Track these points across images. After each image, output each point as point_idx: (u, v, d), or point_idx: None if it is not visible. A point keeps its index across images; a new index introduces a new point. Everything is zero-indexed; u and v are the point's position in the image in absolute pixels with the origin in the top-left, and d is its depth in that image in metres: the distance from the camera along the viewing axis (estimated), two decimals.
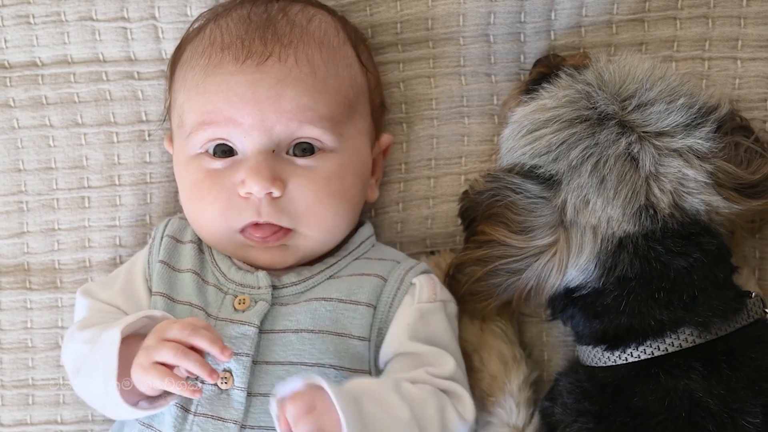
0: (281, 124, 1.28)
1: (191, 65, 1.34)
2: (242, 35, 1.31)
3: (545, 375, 1.44)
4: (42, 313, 1.48)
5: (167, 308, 1.30)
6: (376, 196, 1.43)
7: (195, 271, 1.33)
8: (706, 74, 1.45)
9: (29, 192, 1.49)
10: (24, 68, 1.48)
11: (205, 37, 1.34)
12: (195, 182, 1.32)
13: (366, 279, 1.32)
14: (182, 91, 1.34)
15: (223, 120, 1.28)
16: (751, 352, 1.24)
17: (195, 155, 1.32)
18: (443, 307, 1.33)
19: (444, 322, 1.32)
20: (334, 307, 1.29)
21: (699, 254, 1.24)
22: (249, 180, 1.27)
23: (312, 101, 1.29)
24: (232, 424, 1.22)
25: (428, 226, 1.47)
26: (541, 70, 1.38)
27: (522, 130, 1.29)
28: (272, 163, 1.28)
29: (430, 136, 1.47)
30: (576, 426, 1.27)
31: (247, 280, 1.31)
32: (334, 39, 1.35)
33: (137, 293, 1.35)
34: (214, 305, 1.30)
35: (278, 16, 1.34)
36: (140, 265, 1.37)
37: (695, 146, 1.24)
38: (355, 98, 1.34)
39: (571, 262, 1.26)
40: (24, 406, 1.47)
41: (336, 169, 1.31)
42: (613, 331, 1.26)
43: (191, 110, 1.32)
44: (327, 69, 1.31)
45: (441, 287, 1.34)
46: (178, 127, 1.36)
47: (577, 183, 1.24)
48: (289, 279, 1.32)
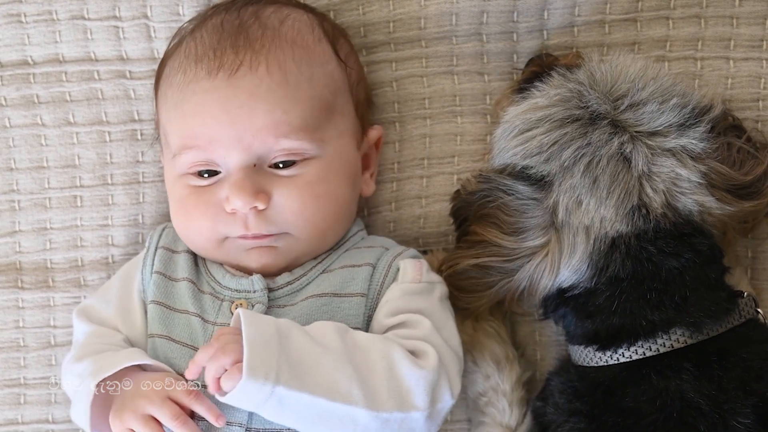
0: (258, 140, 1.28)
1: (170, 82, 1.34)
2: (215, 45, 1.31)
3: (538, 374, 1.44)
4: (34, 312, 1.48)
5: (165, 316, 1.32)
6: (372, 190, 1.43)
7: (191, 279, 1.34)
8: (699, 74, 1.45)
9: (21, 191, 1.48)
10: (15, 67, 1.48)
11: (182, 51, 1.35)
12: (182, 198, 1.33)
13: (357, 270, 1.32)
14: (164, 111, 1.35)
15: (203, 144, 1.29)
16: (743, 353, 1.24)
17: (182, 174, 1.33)
18: (430, 289, 1.32)
19: (429, 301, 1.30)
20: (329, 302, 1.29)
21: (691, 255, 1.24)
22: (232, 197, 1.28)
23: (285, 114, 1.29)
24: (237, 427, 1.23)
25: (421, 225, 1.47)
26: (533, 69, 1.38)
27: (514, 130, 1.29)
28: (254, 177, 1.28)
29: (422, 135, 1.47)
30: (568, 426, 1.27)
31: (242, 285, 1.31)
32: (309, 37, 1.35)
33: (132, 309, 1.36)
34: (211, 312, 1.30)
35: (250, 20, 1.34)
36: (134, 277, 1.38)
37: (689, 146, 1.25)
38: (333, 98, 1.34)
39: (563, 262, 1.26)
40: (15, 406, 1.47)
41: (319, 174, 1.31)
42: (604, 331, 1.26)
43: (173, 133, 1.33)
44: (300, 72, 1.31)
45: (428, 270, 1.33)
46: (165, 145, 1.37)
47: (569, 184, 1.24)
48: (283, 279, 1.32)
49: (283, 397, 1.15)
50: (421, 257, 1.36)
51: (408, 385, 1.21)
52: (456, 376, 1.27)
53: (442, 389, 1.24)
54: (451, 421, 1.45)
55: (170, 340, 1.30)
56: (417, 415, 1.21)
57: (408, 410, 1.20)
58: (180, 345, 1.29)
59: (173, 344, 1.29)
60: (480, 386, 1.39)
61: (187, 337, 1.29)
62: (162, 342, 1.30)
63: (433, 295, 1.31)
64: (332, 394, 1.17)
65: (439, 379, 1.23)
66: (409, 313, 1.28)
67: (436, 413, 1.24)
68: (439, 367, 1.23)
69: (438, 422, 1.26)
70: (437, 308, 1.30)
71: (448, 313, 1.32)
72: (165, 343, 1.30)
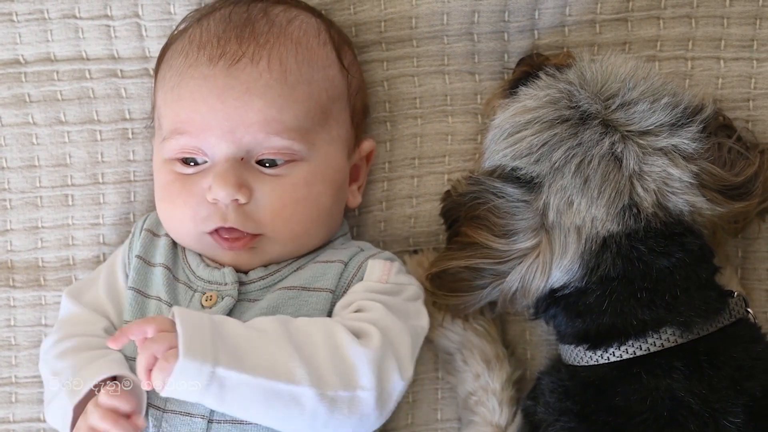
0: (249, 135, 1.28)
1: (170, 64, 1.34)
2: (219, 34, 1.32)
3: (528, 373, 1.44)
4: (25, 311, 1.48)
5: (138, 303, 1.32)
6: (357, 202, 1.42)
7: (167, 266, 1.34)
8: (690, 74, 1.45)
9: (12, 189, 1.48)
10: (7, 66, 1.47)
11: (186, 36, 1.35)
12: (166, 184, 1.33)
13: (329, 265, 1.32)
14: (160, 93, 1.35)
15: (194, 130, 1.29)
16: (733, 352, 1.24)
17: (168, 159, 1.33)
18: (396, 290, 1.31)
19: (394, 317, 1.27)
20: (296, 295, 1.29)
21: (681, 254, 1.24)
22: (215, 186, 1.28)
23: (279, 112, 1.29)
24: (200, 419, 1.23)
25: (411, 224, 1.47)
26: (524, 69, 1.38)
27: (503, 133, 1.29)
28: (239, 170, 1.28)
29: (413, 134, 1.47)
30: (558, 425, 1.27)
31: (214, 276, 1.32)
32: (313, 40, 1.35)
33: (119, 290, 1.37)
34: (183, 302, 1.31)
35: (258, 15, 1.34)
36: (119, 260, 1.39)
37: (681, 146, 1.24)
38: (330, 103, 1.34)
39: (555, 263, 1.26)
40: (7, 404, 1.47)
41: (304, 177, 1.31)
42: (595, 330, 1.26)
43: (166, 116, 1.33)
44: (300, 72, 1.31)
45: (398, 272, 1.33)
46: (157, 128, 1.37)
47: (560, 184, 1.24)
48: (256, 274, 1.33)
49: (224, 379, 1.12)
50: (397, 260, 1.36)
51: (352, 362, 1.19)
52: (407, 358, 1.25)
53: (389, 370, 1.22)
54: (441, 420, 1.46)
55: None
56: (364, 395, 1.19)
57: (354, 389, 1.19)
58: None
59: None
60: (470, 385, 1.39)
61: None
62: None
63: (399, 297, 1.30)
64: (274, 374, 1.14)
65: (385, 358, 1.21)
66: (364, 301, 1.27)
67: (385, 395, 1.22)
68: (384, 346, 1.21)
69: (389, 407, 1.24)
70: (398, 301, 1.29)
71: (413, 305, 1.31)
72: None
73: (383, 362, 1.21)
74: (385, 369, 1.21)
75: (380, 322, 1.24)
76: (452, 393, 1.45)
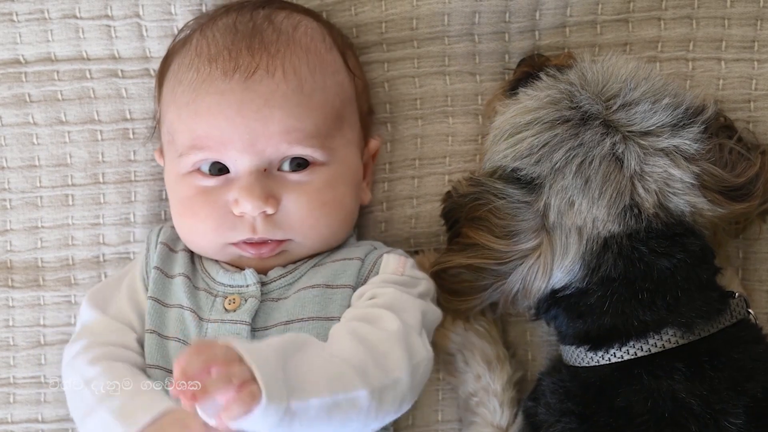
0: (270, 146, 1.28)
1: (179, 79, 1.33)
2: (229, 45, 1.31)
3: (529, 375, 1.44)
4: (24, 311, 1.47)
5: (158, 312, 1.31)
6: (369, 198, 1.43)
7: (186, 275, 1.33)
8: (690, 75, 1.45)
9: (12, 189, 1.48)
10: (7, 66, 1.47)
11: (192, 48, 1.34)
12: (187, 198, 1.32)
13: (349, 263, 1.33)
14: (172, 108, 1.34)
15: (214, 145, 1.29)
16: (734, 353, 1.24)
17: (187, 173, 1.32)
18: (412, 283, 1.31)
19: (405, 295, 1.27)
20: (321, 293, 1.29)
21: (682, 255, 1.24)
22: (242, 200, 1.27)
23: (299, 121, 1.29)
24: None
25: (412, 225, 1.46)
26: (525, 69, 1.38)
27: (504, 134, 1.29)
28: (264, 181, 1.28)
29: (414, 135, 1.47)
30: (559, 426, 1.27)
31: (235, 280, 1.31)
32: (321, 45, 1.35)
33: (140, 303, 1.35)
34: (205, 308, 1.30)
35: (264, 23, 1.33)
36: (138, 272, 1.37)
37: (682, 147, 1.24)
38: (343, 107, 1.35)
39: (556, 264, 1.26)
40: (5, 405, 1.47)
41: (327, 181, 1.31)
42: (596, 331, 1.26)
43: (182, 132, 1.32)
44: (314, 80, 1.31)
45: (413, 267, 1.33)
46: (168, 143, 1.36)
47: (561, 185, 1.24)
48: (275, 273, 1.32)
49: (296, 410, 1.09)
50: (410, 257, 1.36)
51: (383, 351, 1.19)
52: (425, 332, 1.26)
53: (415, 345, 1.22)
54: (442, 421, 1.46)
55: (161, 336, 1.30)
56: (402, 376, 1.19)
57: (392, 373, 1.18)
58: (171, 340, 1.29)
59: (163, 340, 1.30)
60: (471, 386, 1.39)
61: (180, 332, 1.29)
62: (153, 338, 1.30)
63: (414, 289, 1.30)
64: (332, 388, 1.13)
65: (408, 335, 1.22)
66: (377, 288, 1.27)
67: (415, 372, 1.21)
68: (403, 325, 1.22)
69: (420, 380, 1.24)
70: (411, 294, 1.29)
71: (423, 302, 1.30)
72: (156, 338, 1.30)
73: (408, 339, 1.21)
74: (410, 345, 1.21)
75: (395, 305, 1.24)
76: (453, 394, 1.44)
